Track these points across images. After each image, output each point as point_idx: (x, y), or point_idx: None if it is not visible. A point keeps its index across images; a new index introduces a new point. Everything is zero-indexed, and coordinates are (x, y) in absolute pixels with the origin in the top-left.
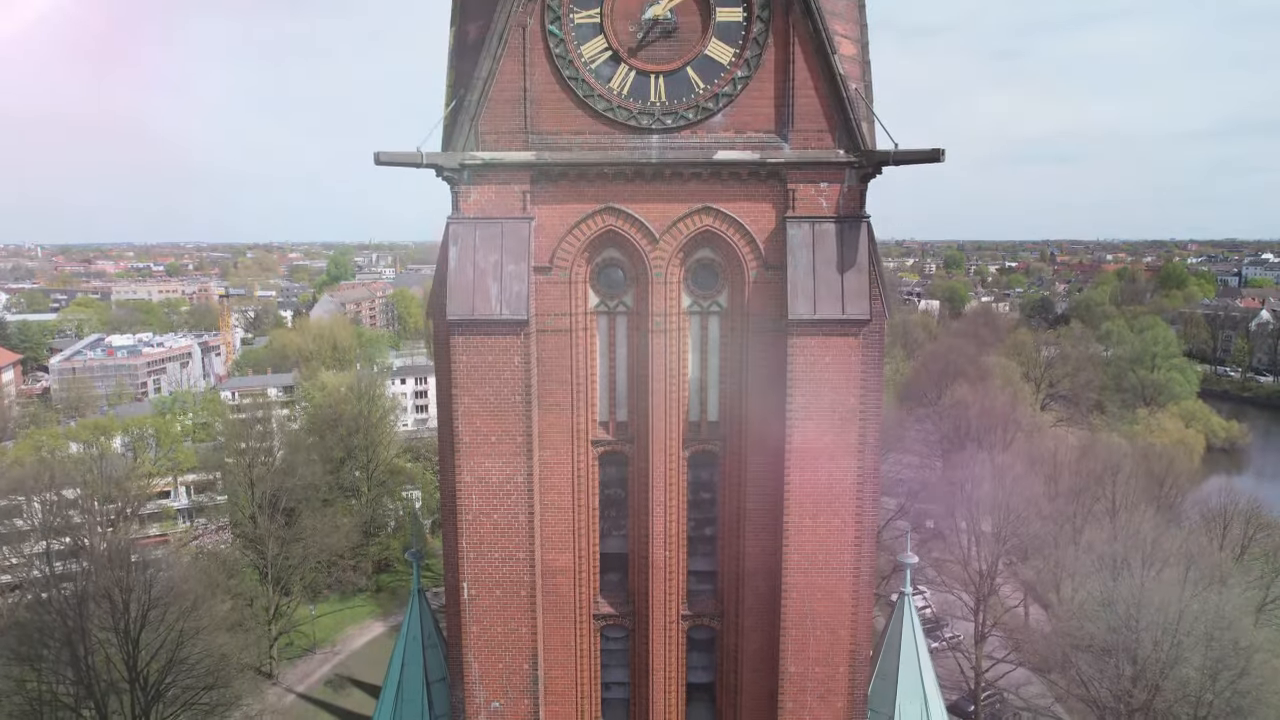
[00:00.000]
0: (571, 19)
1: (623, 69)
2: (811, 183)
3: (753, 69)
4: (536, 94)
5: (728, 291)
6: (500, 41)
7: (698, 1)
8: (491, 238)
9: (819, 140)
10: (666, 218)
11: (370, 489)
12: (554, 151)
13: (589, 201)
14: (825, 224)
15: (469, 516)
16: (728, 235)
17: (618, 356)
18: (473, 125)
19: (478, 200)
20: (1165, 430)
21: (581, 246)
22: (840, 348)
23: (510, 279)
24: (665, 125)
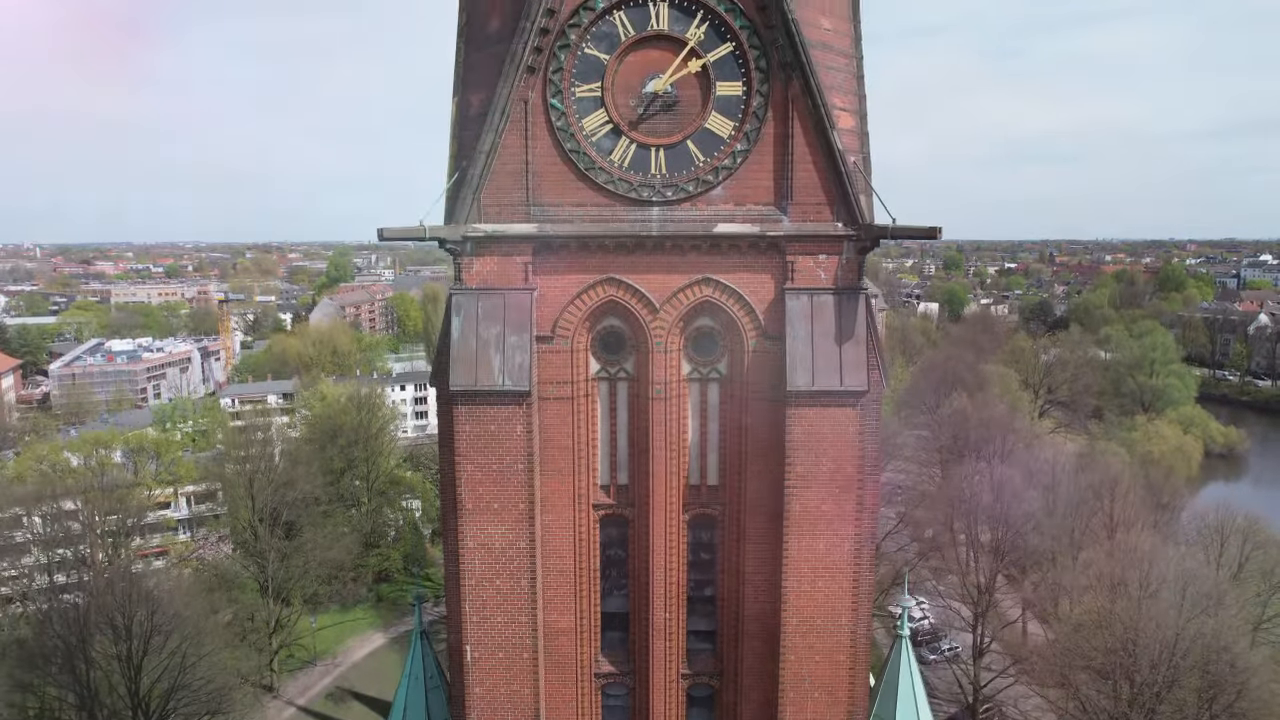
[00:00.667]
0: (573, 93)
1: (624, 142)
2: (810, 255)
3: (752, 142)
4: (538, 166)
5: (727, 359)
6: (503, 115)
7: (698, 76)
8: (494, 308)
9: (818, 213)
10: (667, 288)
11: (370, 499)
12: (556, 224)
13: (590, 272)
14: (824, 295)
15: (472, 581)
16: (727, 305)
17: (619, 422)
18: (475, 198)
19: (480, 271)
20: (1163, 438)
21: (583, 316)
22: (838, 418)
23: (512, 350)
24: (665, 197)
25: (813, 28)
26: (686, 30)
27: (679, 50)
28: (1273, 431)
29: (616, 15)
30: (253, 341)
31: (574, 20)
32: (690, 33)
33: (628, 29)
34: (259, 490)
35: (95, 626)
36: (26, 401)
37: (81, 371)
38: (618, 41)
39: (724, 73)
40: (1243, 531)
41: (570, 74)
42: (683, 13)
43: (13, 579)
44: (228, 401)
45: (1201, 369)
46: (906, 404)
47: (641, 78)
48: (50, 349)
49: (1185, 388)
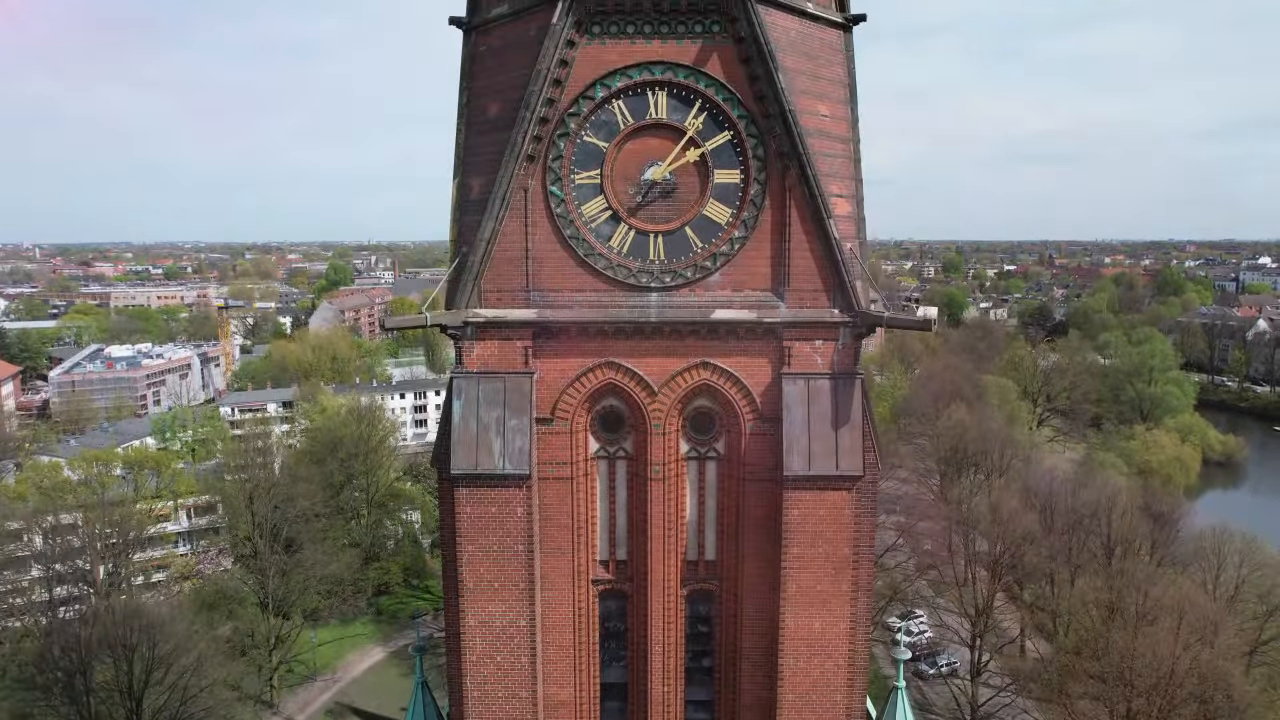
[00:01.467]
0: (572, 180)
1: (622, 228)
2: (807, 340)
3: (750, 229)
4: (538, 252)
5: (725, 439)
6: (503, 203)
7: (696, 164)
8: (494, 392)
9: (814, 300)
10: (665, 372)
11: (370, 512)
12: (555, 309)
13: (590, 356)
14: (820, 380)
15: (473, 658)
16: (725, 389)
17: (618, 499)
18: (475, 284)
19: (481, 355)
20: (1161, 447)
21: (583, 398)
22: (834, 501)
23: (513, 433)
24: (664, 283)
25: (810, 115)
26: (685, 119)
27: (677, 138)
28: (1271, 438)
29: (616, 104)
30: (252, 346)
31: (573, 109)
32: (689, 122)
33: (627, 117)
34: (259, 506)
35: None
36: (26, 409)
37: (81, 379)
38: (617, 130)
39: (722, 161)
40: (1240, 553)
41: (570, 161)
42: (681, 102)
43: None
44: (227, 410)
45: (1200, 375)
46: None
47: (640, 165)
48: (50, 354)
49: (1184, 395)
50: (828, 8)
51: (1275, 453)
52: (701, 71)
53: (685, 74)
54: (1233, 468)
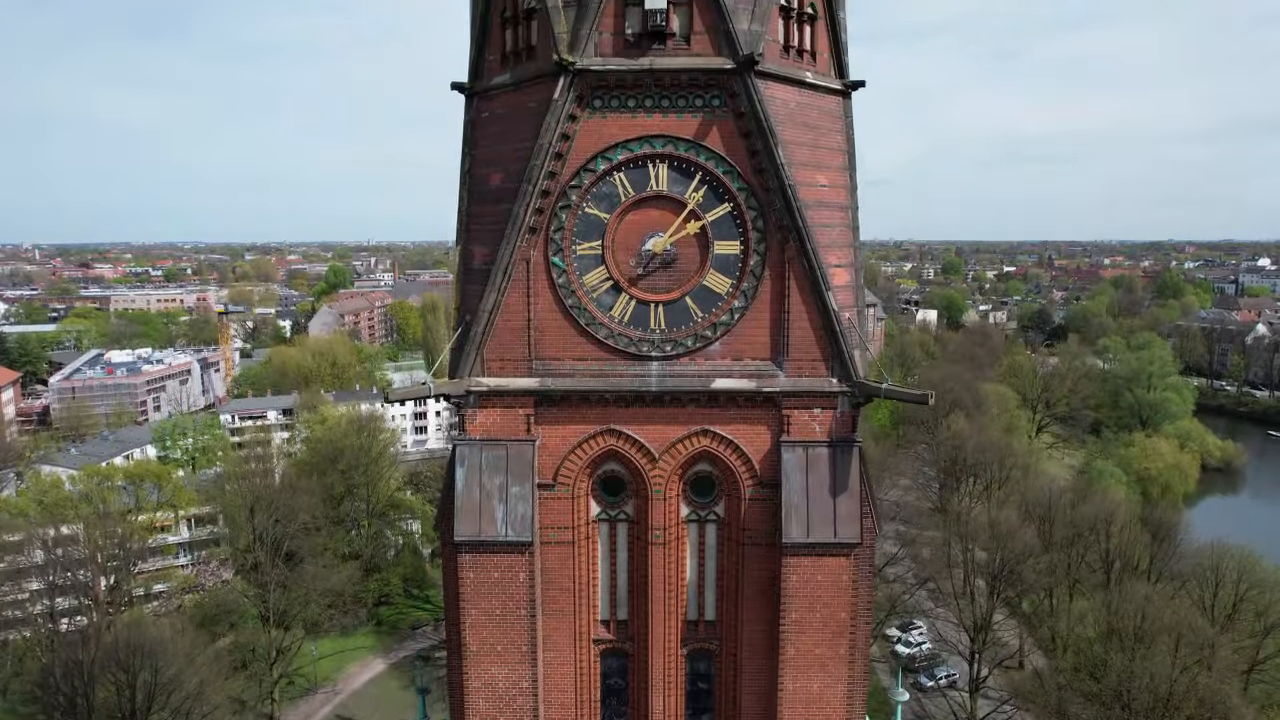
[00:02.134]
0: (574, 251)
1: (624, 298)
2: (806, 409)
3: (749, 300)
4: (540, 322)
5: (725, 503)
6: (505, 275)
7: (696, 235)
8: (497, 459)
9: (813, 369)
10: (665, 439)
11: (370, 523)
12: (557, 378)
13: (591, 423)
14: (819, 448)
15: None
16: (724, 455)
17: (619, 561)
18: (478, 353)
19: (483, 422)
20: (1160, 455)
21: (584, 464)
22: (832, 567)
23: (515, 500)
24: (665, 352)
25: (809, 187)
26: (685, 191)
27: (678, 209)
28: (1270, 443)
29: (617, 176)
30: (252, 349)
31: (575, 181)
32: (689, 194)
33: (628, 189)
34: (259, 520)
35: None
36: (26, 415)
37: (81, 385)
38: (618, 201)
39: (722, 232)
40: (1237, 571)
41: (571, 233)
42: (681, 174)
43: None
44: (227, 418)
45: (1199, 379)
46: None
47: (641, 236)
48: (50, 358)
49: (1183, 401)
50: (826, 75)
51: (1274, 458)
52: (702, 145)
53: (686, 147)
54: (1231, 474)
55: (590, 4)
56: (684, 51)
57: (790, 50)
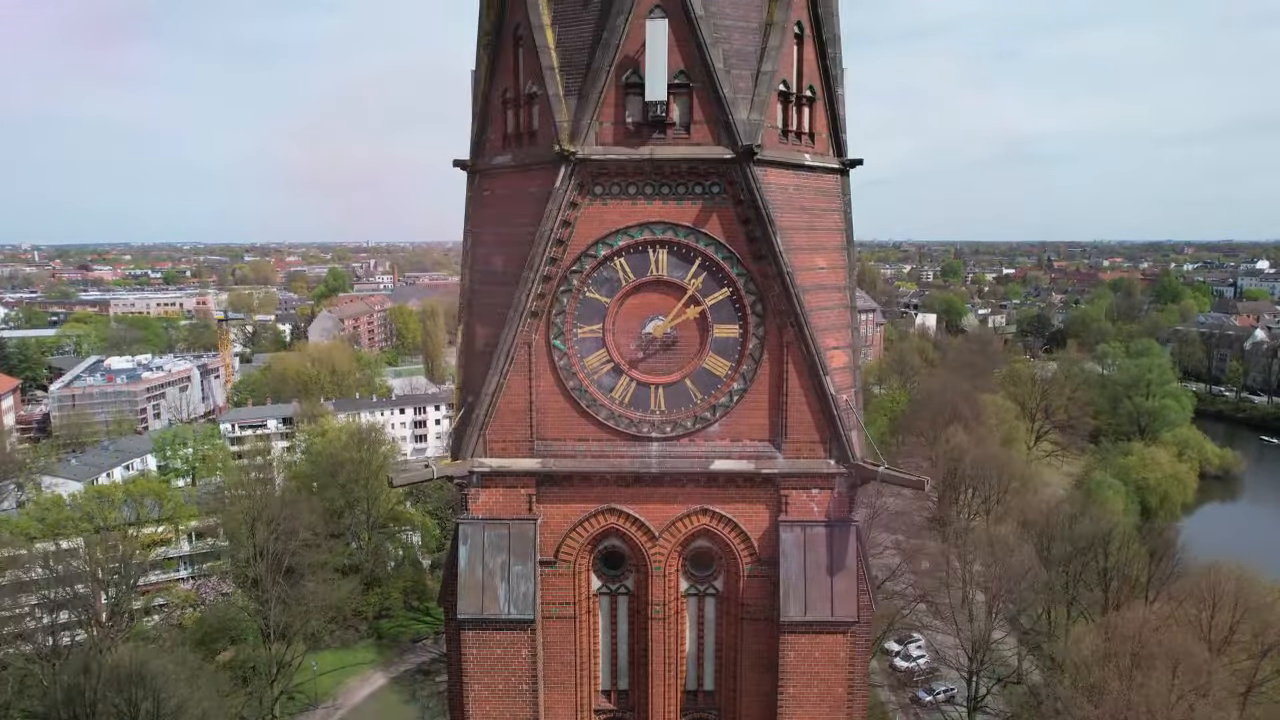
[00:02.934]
0: (575, 333)
1: (624, 380)
2: (804, 489)
3: (748, 382)
4: (541, 403)
5: (724, 578)
6: (507, 358)
7: (696, 319)
8: (499, 538)
9: (811, 451)
10: (665, 517)
11: (370, 536)
12: (558, 459)
13: (592, 502)
14: (816, 528)
15: None
16: (723, 533)
17: (619, 632)
18: (481, 434)
19: (486, 502)
20: (1159, 464)
21: (585, 541)
22: (829, 645)
23: (517, 579)
24: (665, 433)
25: (808, 271)
26: (685, 277)
27: (678, 294)
28: (1269, 449)
29: (617, 261)
30: (251, 354)
31: (576, 266)
32: (689, 280)
33: (628, 274)
34: (260, 536)
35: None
36: (26, 422)
37: (81, 392)
38: (619, 286)
39: (721, 316)
40: (1234, 594)
41: (573, 316)
42: (681, 259)
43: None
44: (227, 427)
45: (1198, 384)
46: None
47: (642, 319)
48: (49, 363)
49: (1181, 409)
50: (825, 155)
51: (1272, 465)
52: (701, 231)
53: (685, 233)
54: (1230, 482)
55: (591, 94)
56: (684, 141)
57: (789, 134)
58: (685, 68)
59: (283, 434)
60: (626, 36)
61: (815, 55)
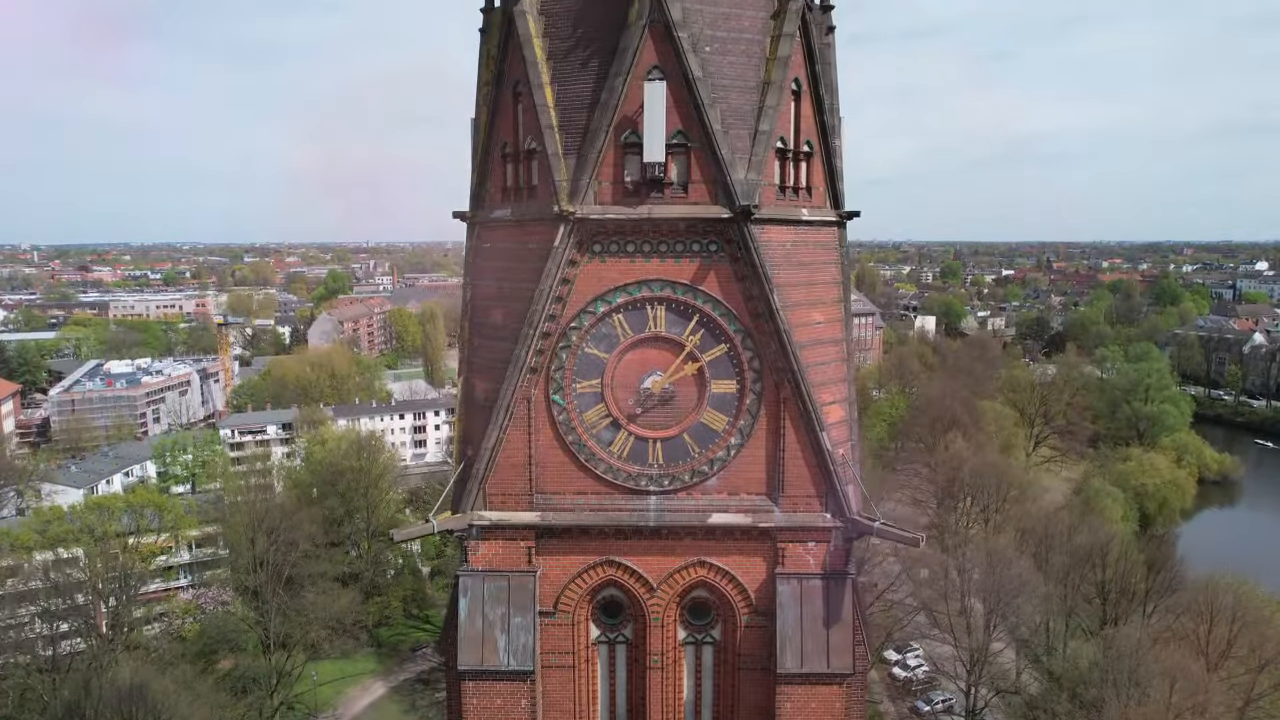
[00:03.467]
0: (574, 388)
1: (622, 434)
2: (800, 542)
3: (746, 437)
4: (540, 457)
5: (721, 627)
6: (507, 413)
7: (694, 375)
8: (499, 590)
9: (808, 505)
10: (663, 569)
11: (370, 545)
12: (558, 512)
13: (591, 554)
14: (813, 581)
15: None
16: (721, 585)
17: (618, 680)
18: (480, 488)
19: (486, 554)
20: (1157, 470)
21: (584, 592)
22: (826, 696)
23: (517, 630)
24: (663, 487)
25: (805, 327)
26: (683, 333)
27: (677, 349)
28: (1267, 454)
29: (616, 318)
30: (251, 357)
31: (575, 323)
32: (686, 336)
33: (627, 330)
34: (259, 547)
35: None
36: (25, 427)
37: (81, 397)
38: (617, 342)
39: (719, 372)
40: (1231, 609)
41: (571, 371)
42: (679, 316)
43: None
44: (227, 432)
45: (1197, 387)
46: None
47: (640, 374)
48: (49, 367)
49: (1180, 414)
50: (822, 208)
51: (1271, 469)
52: (699, 289)
53: (683, 290)
54: (1228, 487)
55: (590, 154)
56: (682, 200)
57: (786, 190)
58: (683, 128)
59: (282, 439)
60: (625, 97)
61: (812, 110)
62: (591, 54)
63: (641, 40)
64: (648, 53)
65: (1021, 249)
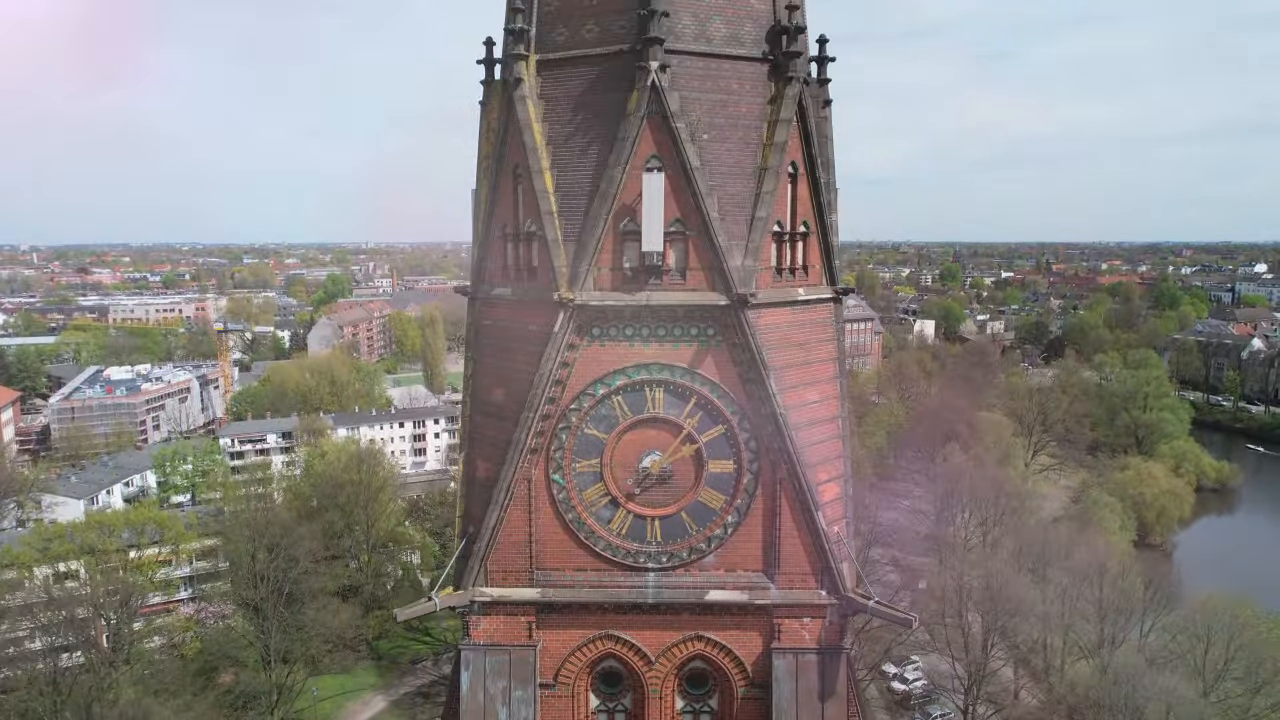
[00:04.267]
0: (574, 468)
1: (621, 512)
2: (796, 618)
3: (742, 515)
4: (541, 535)
5: (718, 698)
6: (507, 493)
7: (692, 455)
8: (500, 664)
9: (803, 582)
10: (661, 643)
11: (370, 557)
12: (557, 588)
13: (590, 628)
14: (808, 655)
15: None
16: (718, 658)
17: None
18: (482, 566)
19: (487, 629)
20: (1155, 479)
21: (584, 665)
22: None
23: (518, 704)
24: (661, 563)
25: (801, 408)
26: (681, 414)
27: (675, 430)
28: (1266, 460)
29: (615, 400)
30: (251, 362)
31: (574, 405)
32: (684, 417)
33: (625, 412)
34: (260, 563)
35: None
36: (25, 434)
37: (81, 405)
38: (616, 423)
39: (716, 452)
40: (1227, 629)
41: (571, 451)
42: (677, 398)
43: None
44: (227, 441)
45: (1195, 392)
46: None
47: (639, 453)
48: (48, 372)
49: (1179, 421)
50: (818, 286)
51: (1270, 476)
52: (696, 373)
53: (681, 374)
54: (1227, 494)
55: (589, 242)
56: (679, 286)
57: (783, 271)
58: (681, 215)
59: (283, 448)
60: (623, 186)
61: (809, 191)
62: (591, 140)
63: (640, 130)
64: (646, 143)
65: (1021, 250)
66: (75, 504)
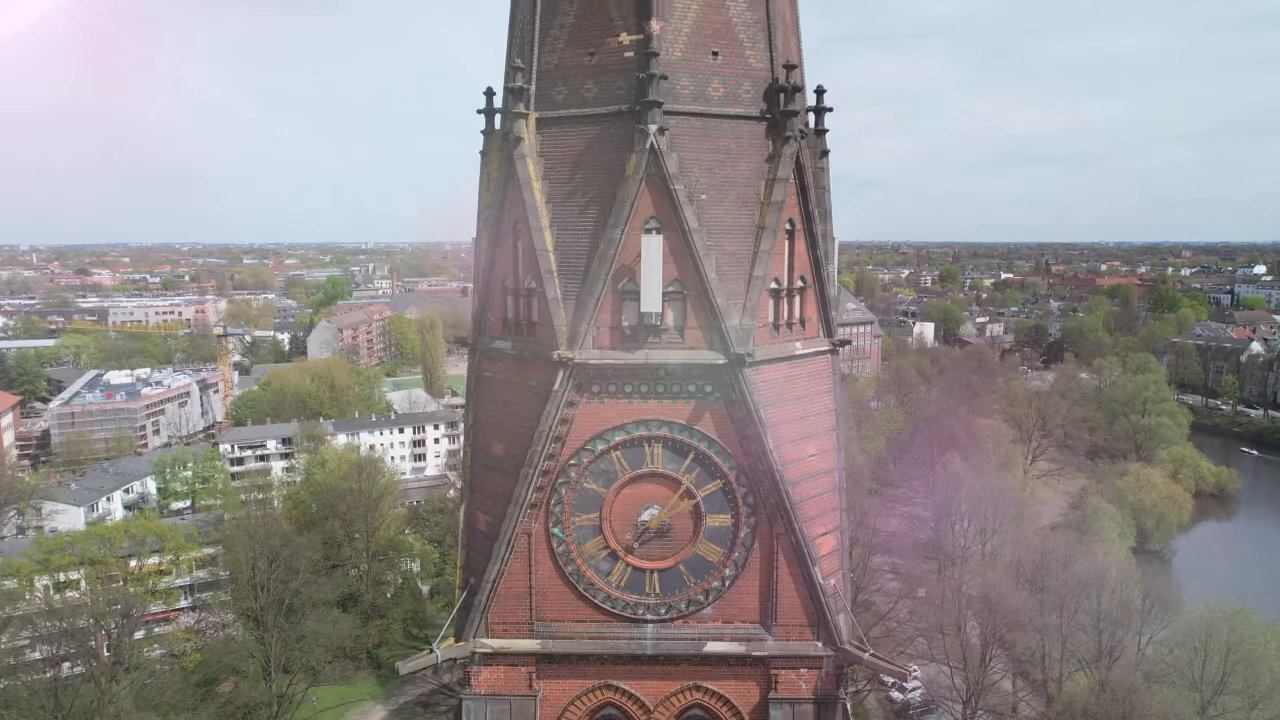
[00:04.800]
0: (573, 522)
1: (620, 565)
2: (793, 669)
3: (740, 568)
4: (540, 587)
5: None
6: (508, 547)
7: (690, 509)
8: (501, 714)
9: (799, 634)
10: (660, 693)
11: (370, 566)
12: (557, 640)
13: (590, 678)
14: (804, 705)
15: None
16: (715, 707)
17: None
18: (483, 617)
19: (488, 678)
20: (1154, 485)
21: (583, 714)
22: None
23: None
24: (659, 615)
25: (798, 462)
26: (679, 469)
27: (673, 484)
28: (1264, 465)
29: (614, 455)
30: (250, 365)
31: (574, 460)
32: (682, 472)
33: (625, 467)
34: (260, 574)
35: None
36: (25, 439)
37: (81, 410)
38: (615, 478)
39: (714, 506)
40: (1225, 643)
41: (571, 505)
42: (676, 453)
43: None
44: (227, 447)
45: (1194, 396)
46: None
47: (638, 507)
48: (48, 376)
49: (1178, 426)
50: (815, 338)
51: (1269, 480)
52: (695, 429)
53: (679, 430)
54: (1226, 499)
55: (588, 301)
56: (678, 345)
57: (780, 326)
58: (679, 275)
59: (282, 454)
60: (622, 247)
61: (806, 247)
62: (590, 199)
63: (639, 192)
64: (645, 204)
65: (1020, 250)
66: (76, 511)
